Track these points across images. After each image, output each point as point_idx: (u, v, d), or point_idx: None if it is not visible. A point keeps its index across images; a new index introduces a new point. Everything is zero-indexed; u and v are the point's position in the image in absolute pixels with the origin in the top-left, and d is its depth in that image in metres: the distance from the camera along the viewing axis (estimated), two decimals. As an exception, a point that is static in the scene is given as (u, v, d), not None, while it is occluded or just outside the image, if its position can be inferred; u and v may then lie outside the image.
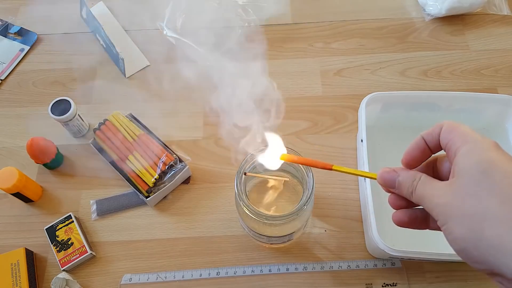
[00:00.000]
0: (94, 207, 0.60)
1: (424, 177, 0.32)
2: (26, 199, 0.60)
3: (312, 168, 0.49)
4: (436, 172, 0.35)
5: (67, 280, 0.54)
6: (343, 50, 0.73)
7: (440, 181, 0.31)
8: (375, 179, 0.35)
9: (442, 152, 0.33)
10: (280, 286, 0.55)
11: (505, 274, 0.26)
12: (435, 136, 0.32)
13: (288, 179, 0.53)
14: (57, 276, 0.54)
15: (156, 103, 0.69)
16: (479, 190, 0.27)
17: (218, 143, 0.65)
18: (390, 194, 0.35)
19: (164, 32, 0.75)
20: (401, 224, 0.34)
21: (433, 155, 0.34)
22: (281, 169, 0.52)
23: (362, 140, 0.54)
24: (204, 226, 0.59)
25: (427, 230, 0.47)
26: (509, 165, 0.28)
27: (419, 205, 0.33)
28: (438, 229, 0.33)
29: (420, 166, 0.35)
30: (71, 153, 0.65)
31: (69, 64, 0.73)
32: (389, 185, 0.34)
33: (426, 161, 0.34)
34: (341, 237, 0.58)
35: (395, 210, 0.35)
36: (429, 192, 0.31)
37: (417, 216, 0.34)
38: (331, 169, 0.39)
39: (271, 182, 0.55)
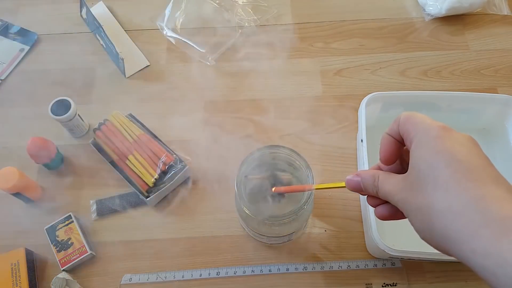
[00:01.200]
0: (94, 207, 0.60)
1: (382, 175, 0.33)
2: (26, 199, 0.60)
3: (312, 167, 0.49)
4: (403, 161, 0.36)
5: (67, 280, 0.54)
6: (343, 50, 0.73)
7: (396, 175, 0.32)
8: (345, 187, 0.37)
9: None
10: (280, 286, 0.55)
11: (461, 261, 0.27)
12: (396, 130, 0.33)
13: (290, 176, 0.53)
14: (57, 276, 0.54)
15: (156, 103, 0.69)
16: (425, 184, 0.28)
17: (218, 143, 0.65)
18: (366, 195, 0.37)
19: (164, 32, 0.75)
20: (384, 218, 0.36)
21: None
22: (280, 169, 0.52)
23: (362, 140, 0.54)
24: (204, 226, 0.59)
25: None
26: (453, 152, 0.28)
27: None
28: None
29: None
30: (71, 153, 0.65)
31: (69, 64, 0.73)
32: (357, 190, 0.36)
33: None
34: (341, 237, 0.58)
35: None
36: (389, 189, 0.32)
37: (396, 209, 0.35)
38: (311, 189, 0.45)
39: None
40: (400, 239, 0.53)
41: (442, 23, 0.75)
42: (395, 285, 0.54)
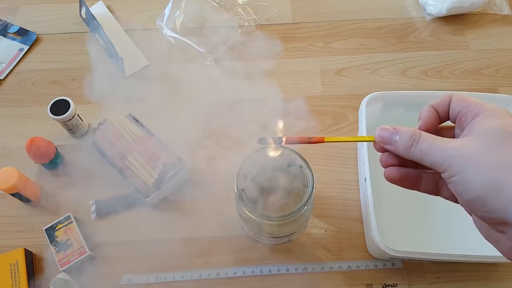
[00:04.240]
0: (94, 207, 0.60)
1: (425, 133, 0.33)
2: (25, 199, 0.60)
3: (312, 168, 0.49)
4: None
5: (66, 281, 0.54)
6: (343, 50, 0.73)
7: (444, 138, 0.32)
8: (372, 141, 0.36)
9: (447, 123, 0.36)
10: (280, 287, 0.55)
11: None
12: (445, 106, 0.35)
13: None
14: (57, 276, 0.54)
15: (156, 103, 0.69)
16: (505, 146, 0.29)
17: (218, 143, 0.65)
18: (382, 153, 0.37)
19: (164, 32, 0.75)
20: (391, 180, 0.36)
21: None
22: (280, 170, 0.52)
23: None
24: (204, 226, 0.59)
25: (427, 230, 0.45)
26: None
27: (410, 164, 0.34)
28: (428, 192, 0.35)
29: None
30: (71, 153, 0.65)
31: (68, 64, 0.73)
32: (386, 142, 0.35)
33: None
34: (341, 237, 0.58)
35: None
36: (439, 145, 0.32)
37: (409, 175, 0.36)
38: (323, 141, 0.41)
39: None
40: (400, 239, 0.53)
41: (442, 22, 0.75)
42: (395, 286, 0.54)
